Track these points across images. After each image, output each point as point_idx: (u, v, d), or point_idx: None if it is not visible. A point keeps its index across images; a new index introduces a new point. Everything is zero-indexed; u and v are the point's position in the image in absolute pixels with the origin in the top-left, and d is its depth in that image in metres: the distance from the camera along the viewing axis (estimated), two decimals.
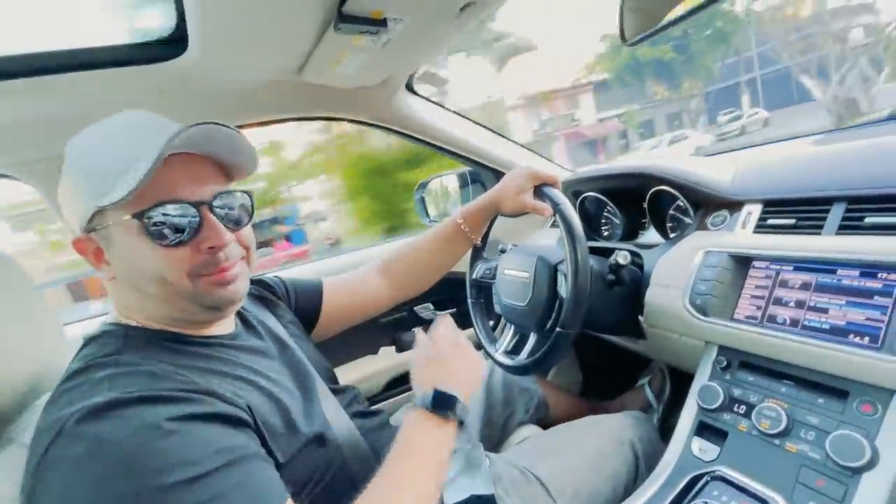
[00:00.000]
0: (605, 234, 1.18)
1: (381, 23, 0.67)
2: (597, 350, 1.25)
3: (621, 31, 0.67)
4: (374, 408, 0.79)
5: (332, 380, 0.74)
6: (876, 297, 0.56)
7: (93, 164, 0.49)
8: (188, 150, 0.51)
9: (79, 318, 1.02)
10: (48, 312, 0.62)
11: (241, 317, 0.66)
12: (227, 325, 0.60)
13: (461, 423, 0.58)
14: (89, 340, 0.51)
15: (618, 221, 1.12)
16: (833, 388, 0.58)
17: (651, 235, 1.05)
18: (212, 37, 0.72)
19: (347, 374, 1.17)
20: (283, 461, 0.51)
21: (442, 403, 0.56)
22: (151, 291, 0.51)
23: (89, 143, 0.51)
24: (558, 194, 0.81)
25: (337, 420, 0.63)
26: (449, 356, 0.63)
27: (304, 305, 0.81)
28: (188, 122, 0.53)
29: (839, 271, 0.61)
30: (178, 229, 0.49)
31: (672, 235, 0.98)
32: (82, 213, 0.50)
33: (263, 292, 0.77)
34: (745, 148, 1.02)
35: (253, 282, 0.75)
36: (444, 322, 0.69)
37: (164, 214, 0.48)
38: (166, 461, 0.40)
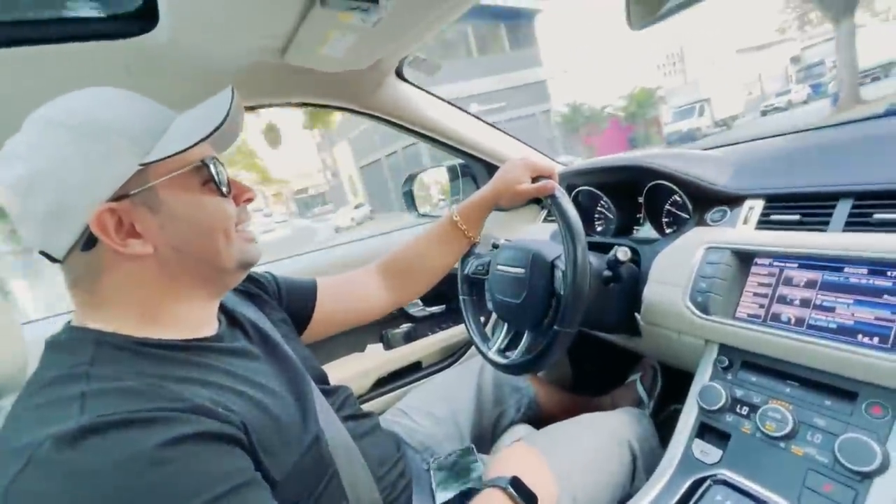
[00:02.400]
0: (599, 228, 1.16)
1: None
2: (587, 346, 1.23)
3: (628, 17, 0.64)
4: (364, 409, 0.75)
5: (322, 380, 0.69)
6: (885, 296, 0.55)
7: (121, 122, 0.45)
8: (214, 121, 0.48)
9: (39, 318, 0.94)
10: (5, 310, 0.56)
11: (227, 314, 0.61)
12: (210, 326, 0.55)
13: None
14: (53, 346, 0.45)
15: (612, 216, 1.10)
16: (841, 390, 0.56)
17: (646, 231, 1.03)
18: (184, 11, 0.66)
19: (333, 372, 1.11)
20: (279, 479, 0.46)
21: (524, 495, 0.57)
22: (209, 250, 0.50)
23: (102, 104, 0.45)
24: (556, 187, 0.78)
25: (330, 426, 0.59)
26: (540, 471, 0.64)
27: (296, 306, 0.76)
28: (160, 104, 0.50)
29: (846, 269, 0.59)
30: (225, 182, 0.51)
31: (668, 231, 0.96)
32: (112, 176, 0.44)
33: (252, 288, 0.71)
34: (744, 142, 1.00)
35: None
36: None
37: (217, 167, 0.50)
38: (158, 496, 0.35)
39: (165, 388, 0.42)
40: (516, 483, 0.57)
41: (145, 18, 0.67)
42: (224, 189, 0.51)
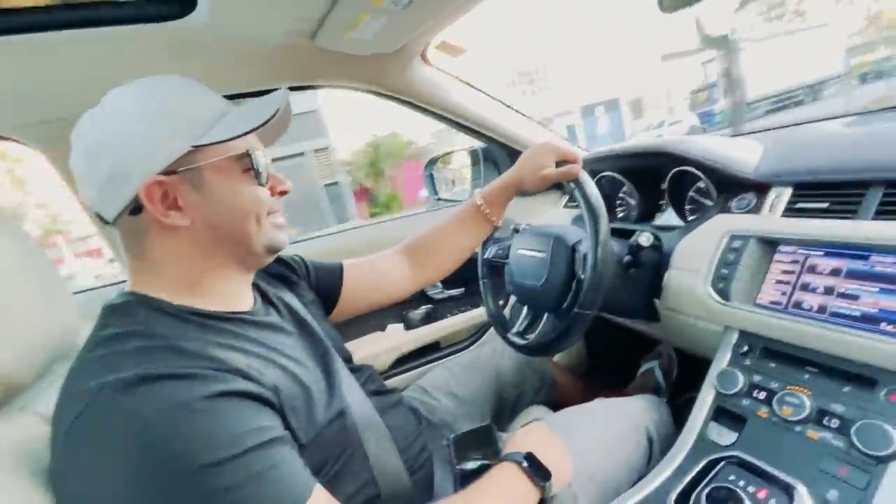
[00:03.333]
0: (621, 214, 1.16)
1: None
2: (603, 331, 1.24)
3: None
4: (387, 384, 0.78)
5: (348, 359, 0.73)
6: None
7: (183, 108, 0.50)
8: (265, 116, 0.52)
9: (87, 287, 1.00)
10: (58, 279, 0.60)
11: (261, 292, 0.65)
12: (246, 301, 0.59)
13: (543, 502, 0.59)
14: (110, 309, 0.50)
15: (634, 202, 1.10)
16: (860, 377, 0.57)
17: (668, 217, 1.02)
18: None
19: (355, 351, 1.15)
20: (305, 443, 0.50)
21: (538, 470, 0.58)
22: (239, 231, 0.53)
23: (170, 90, 0.51)
24: (581, 173, 0.79)
25: (355, 400, 0.62)
26: (555, 449, 0.65)
27: (324, 287, 0.80)
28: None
29: (872, 257, 0.59)
30: (264, 172, 0.55)
31: (691, 218, 0.96)
32: (166, 153, 0.49)
33: (283, 271, 0.75)
34: (772, 129, 0.98)
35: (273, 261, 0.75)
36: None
37: (259, 158, 0.54)
38: (198, 442, 0.39)
39: (208, 351, 0.46)
40: (531, 458, 0.59)
41: (185, 2, 0.70)
42: (262, 179, 0.54)
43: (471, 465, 0.72)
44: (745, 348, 0.70)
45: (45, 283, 0.57)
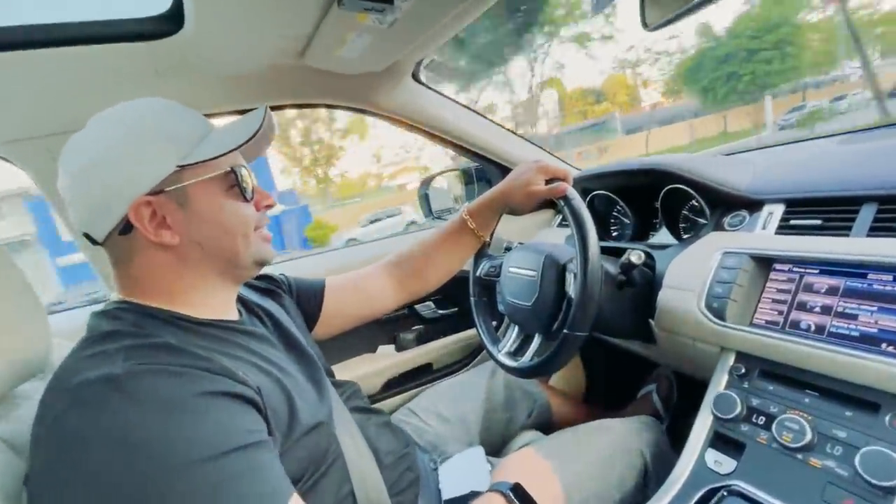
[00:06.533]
0: (615, 233, 1.14)
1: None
2: (602, 354, 1.21)
3: (642, 16, 0.63)
4: (374, 406, 0.75)
5: (329, 374, 0.71)
6: None
7: (168, 127, 0.51)
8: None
9: (68, 307, 0.98)
10: (33, 298, 0.59)
11: (245, 305, 0.65)
12: (231, 313, 0.59)
13: None
14: (100, 314, 0.50)
15: (628, 221, 1.08)
16: (863, 400, 0.54)
17: (662, 236, 1.01)
18: (209, 13, 0.68)
19: (344, 372, 1.13)
20: (283, 449, 0.49)
21: (524, 501, 0.57)
22: (227, 248, 0.54)
23: (154, 112, 0.52)
24: (569, 189, 0.78)
25: (337, 412, 0.61)
26: (545, 479, 0.65)
27: (305, 304, 0.79)
28: (184, 103, 0.55)
29: (870, 275, 0.57)
30: (249, 188, 0.56)
31: (685, 236, 0.95)
32: (153, 173, 0.49)
33: (270, 286, 0.76)
34: (761, 149, 0.98)
35: (259, 276, 0.76)
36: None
37: (244, 174, 0.55)
38: (184, 439, 0.39)
39: (197, 352, 0.46)
40: (517, 489, 0.58)
41: (172, 20, 0.70)
42: (247, 195, 0.55)
43: (457, 491, 0.69)
44: (743, 370, 0.67)
45: (16, 302, 0.56)
